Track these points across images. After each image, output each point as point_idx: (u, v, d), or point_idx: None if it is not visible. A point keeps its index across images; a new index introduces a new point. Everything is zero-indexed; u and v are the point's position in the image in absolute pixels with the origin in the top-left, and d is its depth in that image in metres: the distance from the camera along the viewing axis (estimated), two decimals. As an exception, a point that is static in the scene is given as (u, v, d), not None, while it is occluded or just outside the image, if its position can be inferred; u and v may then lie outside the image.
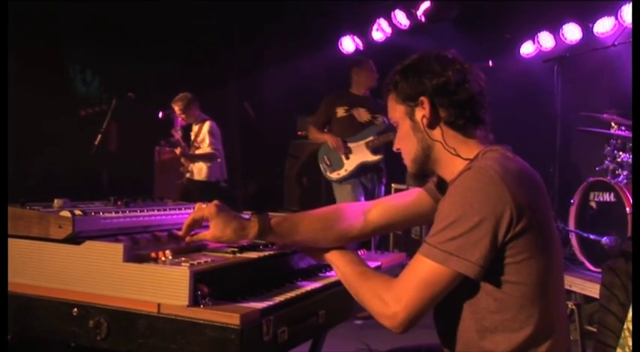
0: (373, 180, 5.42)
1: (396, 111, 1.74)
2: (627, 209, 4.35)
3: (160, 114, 7.09)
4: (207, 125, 6.23)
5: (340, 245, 1.82)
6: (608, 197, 4.55)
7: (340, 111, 5.48)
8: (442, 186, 1.81)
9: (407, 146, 1.74)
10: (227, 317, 1.41)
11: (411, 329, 1.54)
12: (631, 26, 5.37)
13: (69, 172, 6.54)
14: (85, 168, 6.35)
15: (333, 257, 1.77)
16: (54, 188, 6.14)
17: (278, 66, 7.68)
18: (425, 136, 1.69)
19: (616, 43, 5.06)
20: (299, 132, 7.63)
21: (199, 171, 6.23)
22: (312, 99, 7.59)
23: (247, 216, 1.79)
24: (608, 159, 4.86)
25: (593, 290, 4.13)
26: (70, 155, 6.59)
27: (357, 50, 7.46)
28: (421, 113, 1.68)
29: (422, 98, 1.67)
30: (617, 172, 4.79)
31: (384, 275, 1.66)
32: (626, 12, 5.53)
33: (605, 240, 4.46)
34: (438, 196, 1.85)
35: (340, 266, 1.73)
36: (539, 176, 1.65)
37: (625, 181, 4.57)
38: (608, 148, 4.91)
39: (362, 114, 5.40)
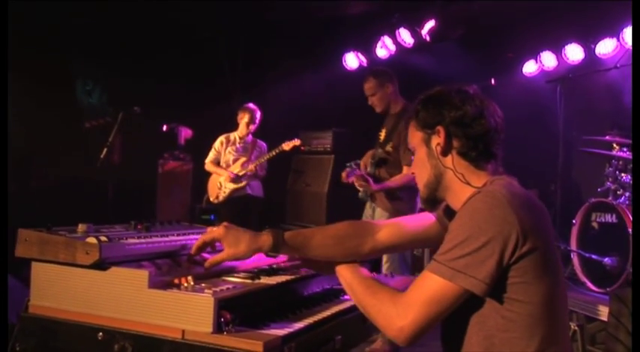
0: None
1: (415, 137, 1.84)
2: (629, 230, 4.40)
3: (165, 128, 7.16)
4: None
5: (351, 259, 1.87)
6: (610, 218, 4.60)
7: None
8: (449, 213, 1.87)
9: (421, 171, 1.84)
10: (251, 344, 1.46)
11: (416, 342, 1.61)
12: (631, 48, 5.43)
13: (74, 184, 6.58)
14: (89, 180, 6.39)
15: (341, 270, 1.83)
16: (58, 200, 6.17)
17: (282, 81, 7.74)
18: (438, 163, 1.78)
19: (618, 65, 5.14)
20: (302, 147, 7.68)
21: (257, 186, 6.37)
22: (316, 115, 7.67)
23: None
24: (610, 180, 4.92)
25: (595, 310, 4.18)
26: (75, 166, 6.63)
27: (360, 66, 7.53)
28: (436, 141, 1.77)
29: (438, 127, 1.76)
30: (618, 193, 4.85)
31: (392, 289, 1.72)
32: (628, 34, 5.60)
33: (606, 260, 4.50)
34: (445, 223, 1.92)
35: (347, 279, 1.79)
36: (542, 204, 1.74)
37: (627, 202, 4.62)
38: (610, 169, 4.96)
39: (382, 136, 4.84)
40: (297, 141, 6.14)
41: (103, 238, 1.66)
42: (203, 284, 1.68)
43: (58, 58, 6.74)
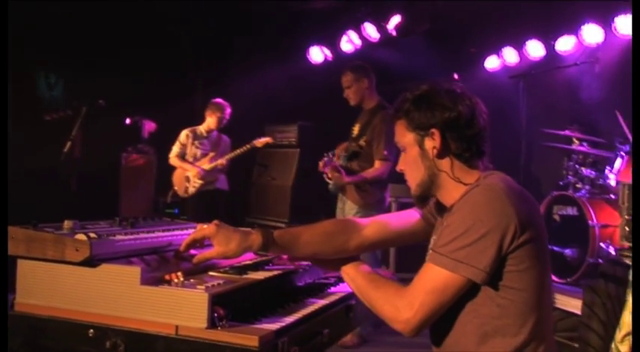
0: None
1: (405, 137, 1.85)
2: (589, 222, 4.55)
3: (128, 121, 7.06)
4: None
5: (338, 257, 1.91)
6: (571, 211, 4.76)
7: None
8: (440, 208, 1.92)
9: (413, 171, 1.86)
10: (246, 339, 1.48)
11: (421, 332, 1.69)
12: (593, 45, 5.60)
13: (35, 178, 6.45)
14: (51, 174, 6.29)
15: (344, 267, 1.87)
16: (19, 195, 6.04)
17: (246, 74, 7.71)
18: (432, 165, 1.81)
19: (578, 63, 5.30)
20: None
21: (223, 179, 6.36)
22: (281, 108, 7.66)
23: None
24: (570, 173, 5.07)
25: (556, 300, 4.31)
26: (35, 160, 6.50)
27: (325, 60, 7.55)
28: (431, 143, 1.80)
29: (433, 130, 1.78)
30: (577, 186, 5.02)
31: (395, 282, 1.77)
32: (587, 31, 5.77)
33: (567, 252, 4.67)
34: (431, 221, 2.00)
35: (351, 275, 1.84)
36: (533, 197, 1.80)
37: (587, 195, 4.78)
38: (570, 163, 5.12)
39: (355, 131, 4.87)
40: (269, 139, 6.18)
41: (93, 235, 1.65)
42: (192, 280, 1.69)
43: (18, 51, 6.57)
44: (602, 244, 4.55)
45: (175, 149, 6.31)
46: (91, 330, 1.60)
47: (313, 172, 5.00)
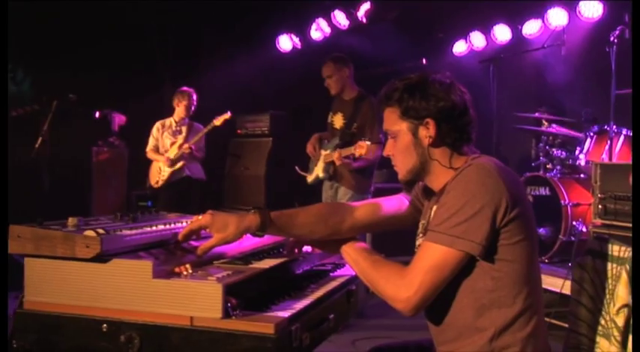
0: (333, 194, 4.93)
1: (397, 124, 1.89)
2: (561, 201, 4.70)
3: (98, 114, 6.98)
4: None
5: (332, 238, 1.95)
6: (543, 191, 4.90)
7: (329, 117, 5.14)
8: (426, 192, 2.01)
9: (404, 158, 1.91)
10: (262, 327, 1.51)
11: (422, 311, 1.74)
12: (558, 29, 5.72)
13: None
14: (19, 171, 6.17)
15: (346, 247, 1.92)
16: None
17: (215, 65, 7.68)
18: (425, 153, 1.86)
19: (546, 46, 5.42)
20: (238, 131, 7.68)
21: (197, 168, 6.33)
22: (251, 98, 7.67)
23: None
24: (542, 154, 5.22)
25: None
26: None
27: (294, 49, 7.56)
28: (425, 133, 1.85)
29: (428, 119, 1.83)
30: (548, 166, 5.17)
31: (395, 262, 1.81)
32: (552, 15, 5.90)
33: (541, 231, 4.82)
34: (418, 205, 2.09)
35: (353, 255, 1.89)
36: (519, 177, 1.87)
37: (558, 176, 4.92)
38: (541, 144, 5.27)
39: (337, 121, 5.00)
40: (227, 115, 6.11)
41: (101, 231, 1.67)
42: (201, 272, 1.72)
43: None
44: (574, 222, 4.71)
45: (150, 143, 6.32)
46: (105, 325, 1.61)
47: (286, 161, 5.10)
